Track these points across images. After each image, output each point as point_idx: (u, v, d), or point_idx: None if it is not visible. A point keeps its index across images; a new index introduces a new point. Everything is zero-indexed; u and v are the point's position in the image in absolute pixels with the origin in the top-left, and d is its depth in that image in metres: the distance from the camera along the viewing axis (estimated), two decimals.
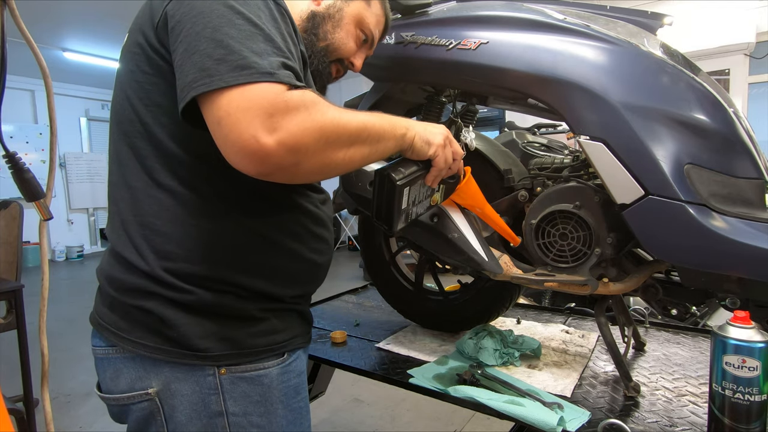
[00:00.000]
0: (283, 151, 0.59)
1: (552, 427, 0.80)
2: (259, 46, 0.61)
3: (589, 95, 0.86)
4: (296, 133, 0.60)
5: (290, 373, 0.77)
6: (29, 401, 2.00)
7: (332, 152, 0.65)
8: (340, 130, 0.65)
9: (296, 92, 0.61)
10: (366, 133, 0.69)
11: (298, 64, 0.68)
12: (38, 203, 1.03)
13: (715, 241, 0.78)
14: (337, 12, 0.88)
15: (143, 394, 0.70)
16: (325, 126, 0.62)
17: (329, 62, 0.89)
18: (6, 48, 0.94)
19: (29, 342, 1.98)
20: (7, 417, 0.74)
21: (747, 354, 0.70)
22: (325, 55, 0.88)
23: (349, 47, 0.89)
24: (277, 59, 0.61)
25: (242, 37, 0.60)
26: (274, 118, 0.58)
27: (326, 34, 0.87)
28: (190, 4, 0.63)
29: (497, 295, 1.24)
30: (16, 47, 1.25)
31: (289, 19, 0.70)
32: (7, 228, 2.22)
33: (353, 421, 2.37)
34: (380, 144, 0.72)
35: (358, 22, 0.89)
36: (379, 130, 0.71)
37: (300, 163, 0.62)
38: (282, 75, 0.60)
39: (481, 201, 0.99)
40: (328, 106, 0.65)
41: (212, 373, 0.70)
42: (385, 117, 0.75)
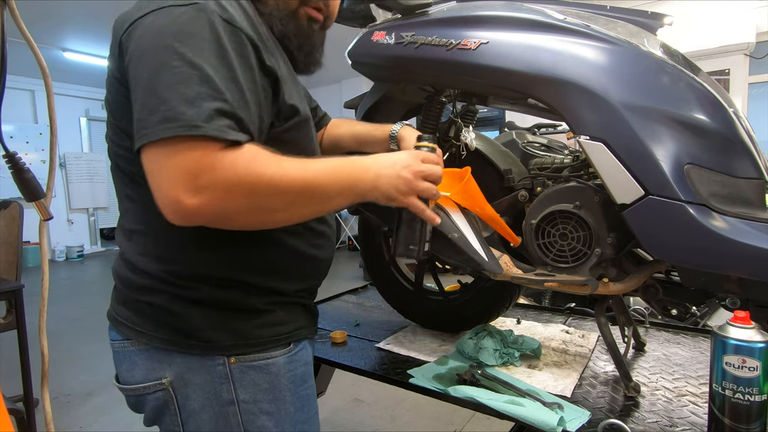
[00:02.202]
0: (208, 214, 0.58)
1: (552, 427, 0.80)
2: (192, 90, 0.57)
3: (589, 95, 0.86)
4: (222, 196, 0.58)
5: (297, 362, 0.79)
6: (29, 401, 2.00)
7: (267, 213, 0.64)
8: (277, 191, 0.62)
9: (227, 153, 0.58)
10: (310, 192, 0.65)
11: (255, 94, 0.63)
12: (38, 203, 1.03)
13: (715, 241, 0.78)
14: None
15: (158, 384, 0.73)
16: (258, 187, 0.60)
17: (293, 12, 0.78)
18: (6, 48, 0.94)
19: (29, 342, 1.98)
20: (7, 417, 0.74)
21: (747, 354, 0.70)
22: (279, 8, 0.77)
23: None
24: (211, 105, 0.57)
25: (175, 82, 0.57)
26: (199, 179, 0.56)
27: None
28: (137, 42, 0.61)
29: (497, 295, 1.24)
30: (16, 47, 1.25)
31: (244, 33, 0.64)
32: (7, 228, 2.22)
33: (353, 421, 2.37)
34: (331, 201, 0.69)
35: None
36: (329, 188, 0.67)
37: (230, 221, 0.62)
38: (211, 127, 0.56)
39: (481, 201, 0.99)
40: (269, 162, 0.61)
41: (222, 362, 0.72)
42: (346, 168, 0.70)
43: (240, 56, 0.63)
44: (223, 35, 0.61)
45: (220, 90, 0.59)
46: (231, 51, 0.61)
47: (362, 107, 1.24)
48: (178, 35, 0.59)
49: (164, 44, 0.59)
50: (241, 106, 0.61)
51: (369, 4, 1.13)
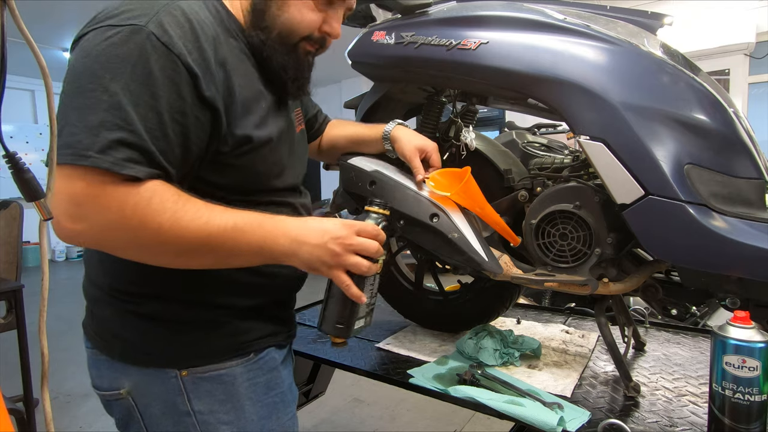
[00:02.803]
0: (87, 241, 0.59)
1: (552, 427, 0.80)
2: (96, 117, 0.56)
3: (589, 95, 0.86)
4: (100, 230, 0.58)
5: (258, 370, 0.77)
6: (29, 401, 2.00)
7: (156, 257, 0.62)
8: (164, 241, 0.59)
9: (119, 188, 0.56)
10: (208, 248, 0.62)
11: (181, 125, 0.61)
12: (38, 203, 1.02)
13: (715, 241, 0.78)
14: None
15: (117, 394, 0.73)
16: (142, 233, 0.58)
17: (294, 46, 0.77)
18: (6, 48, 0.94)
19: (29, 342, 1.98)
20: (7, 417, 0.74)
21: (747, 354, 0.70)
22: (282, 44, 0.75)
23: (307, 20, 0.75)
24: (111, 135, 0.55)
25: (84, 107, 0.56)
26: (80, 208, 0.56)
27: (273, 20, 0.74)
28: (70, 59, 0.61)
29: (497, 295, 1.24)
30: (16, 47, 1.25)
31: (181, 60, 0.60)
32: (7, 228, 2.22)
33: (353, 421, 2.37)
34: (237, 259, 0.66)
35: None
36: (233, 248, 0.64)
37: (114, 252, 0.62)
38: (103, 159, 0.55)
39: (481, 201, 0.99)
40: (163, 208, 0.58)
41: (174, 375, 0.71)
42: (260, 230, 0.65)
43: (169, 83, 0.60)
44: (152, 60, 0.58)
45: (129, 119, 0.56)
46: (159, 77, 0.59)
47: (362, 107, 1.24)
48: (102, 57, 0.57)
49: (86, 66, 0.58)
50: (156, 138, 0.58)
51: (369, 4, 1.13)
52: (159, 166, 0.60)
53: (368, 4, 1.14)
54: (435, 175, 1.02)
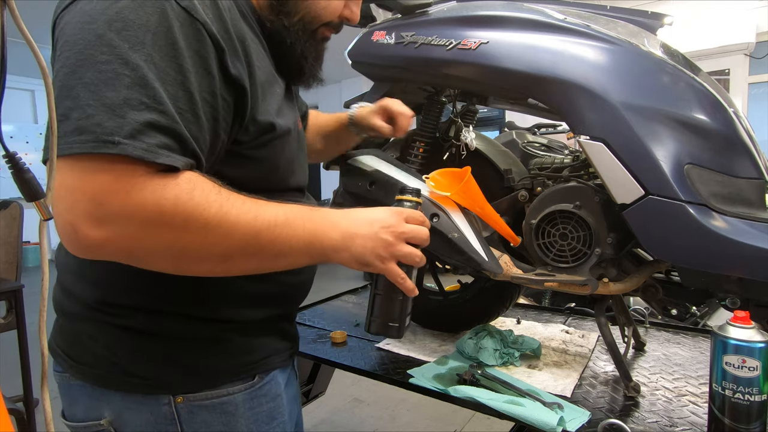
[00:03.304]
0: (114, 250, 0.47)
1: (552, 427, 0.80)
2: (118, 94, 0.45)
3: (589, 95, 0.86)
4: (135, 233, 0.46)
5: (262, 397, 0.68)
6: (29, 401, 2.00)
7: (194, 262, 0.52)
8: (214, 240, 0.49)
9: (154, 180, 0.45)
10: (258, 246, 0.53)
11: (212, 106, 0.52)
12: (38, 203, 1.02)
13: (715, 241, 0.78)
14: None
15: (96, 425, 0.63)
16: (186, 232, 0.47)
17: (313, 32, 0.73)
18: (6, 48, 0.94)
19: (29, 342, 1.98)
20: (7, 417, 0.74)
21: (747, 354, 0.70)
22: (304, 30, 0.71)
23: (332, 6, 0.72)
24: (140, 116, 0.45)
25: (98, 81, 0.45)
26: (108, 207, 0.45)
27: (297, 4, 0.69)
28: (63, 30, 0.49)
29: (497, 295, 1.24)
30: (16, 47, 1.25)
31: (206, 29, 0.51)
32: (7, 228, 2.22)
33: (353, 421, 2.37)
34: (281, 260, 0.57)
35: None
36: (282, 245, 0.55)
37: (142, 262, 0.50)
38: (134, 145, 0.44)
39: (481, 201, 0.99)
40: (208, 199, 0.48)
41: (167, 401, 0.61)
42: (310, 222, 0.58)
43: (196, 56, 0.50)
44: (176, 28, 0.48)
45: (158, 97, 0.46)
46: (185, 48, 0.49)
47: None
48: (114, 22, 0.46)
49: (94, 32, 0.46)
50: (188, 121, 0.49)
51: (369, 3, 1.13)
52: (193, 155, 0.50)
53: (368, 4, 1.14)
54: (435, 175, 1.02)
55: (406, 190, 0.73)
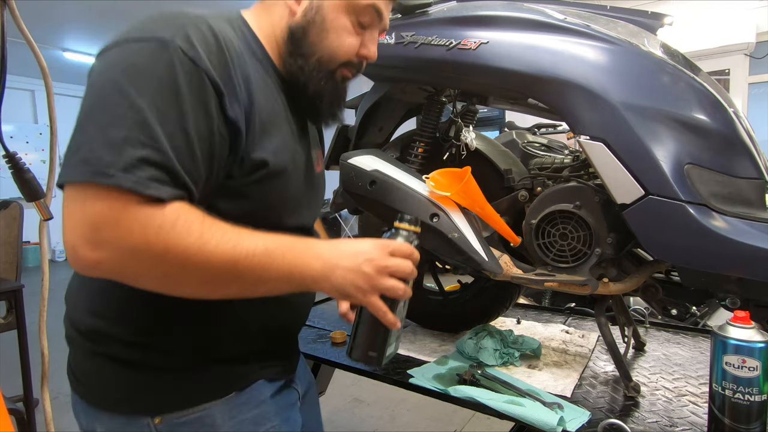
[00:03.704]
0: (106, 270, 0.53)
1: (552, 427, 0.80)
2: (119, 133, 0.52)
3: (589, 95, 0.86)
4: (122, 257, 0.52)
5: (244, 405, 0.70)
6: (29, 401, 2.00)
7: (179, 286, 0.57)
8: (190, 267, 0.54)
9: (143, 210, 0.52)
10: (236, 274, 0.57)
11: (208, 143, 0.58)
12: (38, 203, 1.03)
13: (715, 241, 0.78)
14: (317, 13, 0.72)
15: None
16: (166, 258, 0.53)
17: (332, 72, 0.74)
18: (6, 48, 0.94)
19: (29, 342, 1.98)
20: (7, 417, 0.74)
21: (747, 354, 0.70)
22: (320, 70, 0.73)
23: (346, 46, 0.73)
24: (136, 152, 0.52)
25: (106, 122, 0.53)
26: (100, 233, 0.51)
27: (312, 47, 0.72)
28: (90, 75, 0.58)
29: (497, 295, 1.24)
30: (16, 47, 1.25)
31: (208, 76, 0.58)
32: (7, 228, 2.22)
33: (353, 421, 2.37)
34: (263, 286, 0.60)
35: (348, 9, 0.72)
36: (262, 273, 0.58)
37: (133, 282, 0.56)
38: (126, 178, 0.51)
39: (481, 201, 0.99)
40: (189, 231, 0.54)
41: (147, 422, 0.65)
42: (291, 253, 0.60)
43: (197, 100, 0.57)
44: (180, 76, 0.56)
45: (155, 136, 0.53)
46: (187, 94, 0.56)
47: (362, 107, 1.24)
48: (128, 71, 0.55)
49: (111, 79, 0.55)
50: (182, 156, 0.55)
51: None
52: (184, 186, 0.56)
53: None
54: (435, 175, 1.02)
55: (404, 218, 0.72)
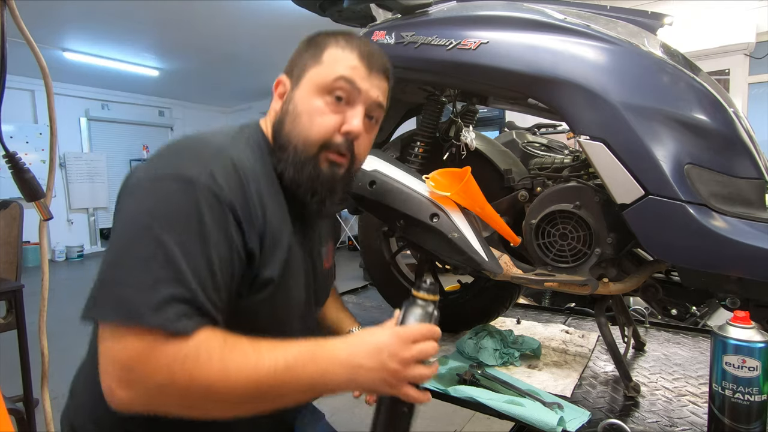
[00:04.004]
0: (138, 406, 0.56)
1: (552, 427, 0.80)
2: (150, 274, 0.55)
3: (589, 95, 0.86)
4: (152, 395, 0.55)
5: None
6: (29, 401, 1.99)
7: (203, 412, 0.59)
8: (215, 396, 0.57)
9: (169, 346, 0.54)
10: (260, 394, 0.58)
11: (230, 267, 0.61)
12: (38, 203, 1.03)
13: (715, 241, 0.78)
14: (288, 102, 0.72)
15: None
16: (190, 392, 0.56)
17: (311, 159, 0.71)
18: (6, 48, 0.94)
19: (29, 342, 1.98)
20: (7, 417, 0.74)
21: (747, 354, 0.70)
22: (298, 158, 0.71)
23: (318, 126, 0.70)
24: (166, 291, 0.55)
25: (137, 261, 0.56)
26: (131, 373, 0.54)
27: (288, 137, 0.71)
28: (119, 212, 0.61)
29: (497, 295, 1.24)
30: (16, 47, 1.25)
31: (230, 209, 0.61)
32: (7, 228, 2.22)
33: (353, 421, 2.37)
34: (286, 399, 0.61)
35: (319, 88, 0.71)
36: (285, 388, 0.59)
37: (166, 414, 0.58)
38: (156, 317, 0.54)
39: (481, 201, 0.99)
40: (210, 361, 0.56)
41: None
42: (311, 363, 0.60)
43: (222, 234, 0.60)
44: (206, 213, 0.59)
45: (182, 271, 0.56)
46: (212, 229, 0.59)
47: None
48: (157, 214, 0.58)
49: (140, 219, 0.58)
50: (206, 288, 0.58)
51: (369, 3, 1.13)
52: (208, 315, 0.59)
53: (368, 4, 1.14)
54: (435, 175, 1.02)
55: (422, 286, 0.69)
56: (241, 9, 4.70)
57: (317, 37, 0.76)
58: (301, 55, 0.76)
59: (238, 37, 5.56)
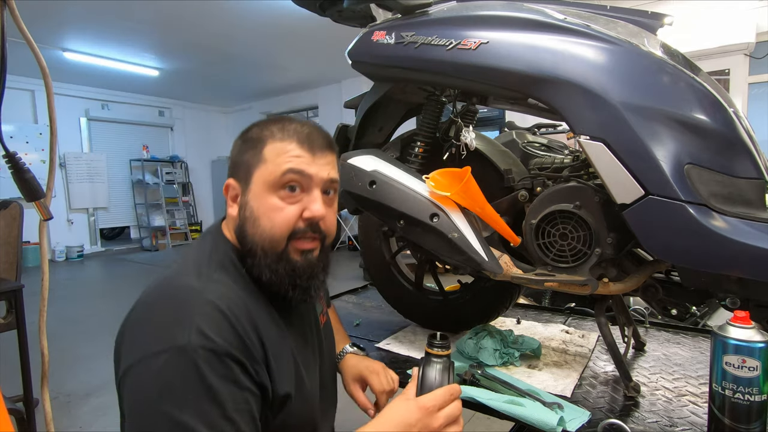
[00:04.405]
0: None
1: (552, 427, 0.80)
2: None
3: (589, 95, 0.86)
4: None
5: None
6: (29, 401, 1.99)
7: None
8: None
9: None
10: None
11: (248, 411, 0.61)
12: (38, 203, 1.03)
13: (715, 241, 0.78)
14: (244, 208, 0.71)
15: None
16: None
17: (282, 254, 0.71)
18: (6, 48, 0.94)
19: (29, 342, 1.98)
20: (7, 417, 0.74)
21: (747, 354, 0.70)
22: (268, 257, 0.70)
23: (279, 221, 0.70)
24: None
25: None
26: None
27: (253, 240, 0.70)
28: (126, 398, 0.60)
29: (497, 295, 1.24)
30: (16, 47, 1.25)
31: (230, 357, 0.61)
32: (7, 228, 2.22)
33: (353, 421, 2.37)
34: None
35: (269, 187, 0.70)
36: None
37: None
38: None
39: (481, 201, 0.99)
40: None
41: None
42: None
43: (229, 384, 0.60)
44: (208, 374, 0.58)
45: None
46: (219, 386, 0.59)
47: (362, 107, 1.24)
48: (160, 390, 0.57)
49: (148, 403, 0.58)
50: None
51: (369, 3, 1.13)
52: None
53: (368, 4, 1.14)
54: (435, 175, 1.02)
55: (434, 343, 0.72)
56: (241, 9, 4.70)
57: (250, 133, 0.74)
58: (241, 155, 0.73)
59: (238, 37, 5.57)
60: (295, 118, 0.76)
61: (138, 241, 8.89)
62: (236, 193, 0.74)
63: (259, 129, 0.74)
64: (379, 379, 0.96)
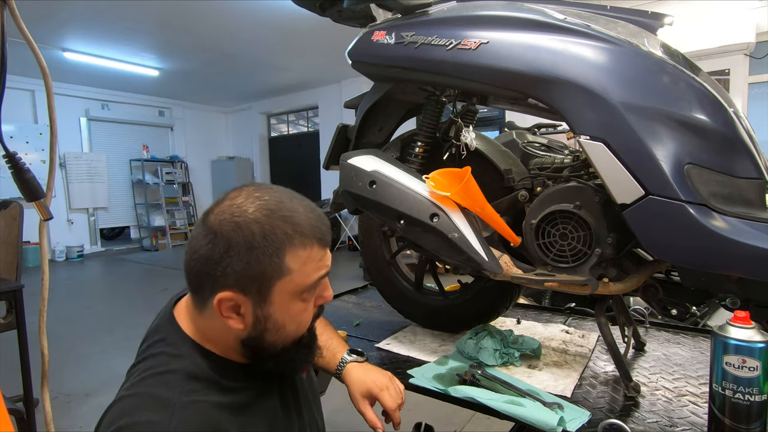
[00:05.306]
0: None
1: (552, 427, 0.80)
2: None
3: (589, 95, 0.86)
4: None
5: None
6: (29, 401, 2.00)
7: None
8: None
9: None
10: None
11: None
12: (38, 203, 1.03)
13: (715, 241, 0.78)
14: (264, 321, 0.66)
15: None
16: None
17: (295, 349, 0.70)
18: (6, 48, 0.94)
19: (29, 342, 1.98)
20: (7, 417, 0.74)
21: (747, 354, 0.70)
22: (288, 350, 0.69)
23: (304, 322, 0.70)
24: None
25: None
26: None
27: (274, 345, 0.68)
28: None
29: (497, 295, 1.24)
30: (16, 47, 1.25)
31: None
32: (7, 228, 2.22)
33: (353, 421, 2.37)
34: None
35: (296, 295, 0.66)
36: None
37: None
38: None
39: (481, 201, 0.99)
40: None
41: None
42: None
43: None
44: None
45: None
46: None
47: (362, 107, 1.24)
48: None
49: None
50: None
51: (369, 3, 1.13)
52: None
53: (368, 4, 1.14)
54: (435, 175, 1.02)
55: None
56: (241, 9, 4.70)
57: (263, 241, 0.62)
58: (251, 267, 0.62)
59: (238, 37, 5.57)
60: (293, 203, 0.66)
61: (138, 241, 8.90)
62: (241, 308, 0.65)
63: (263, 232, 0.62)
64: (390, 395, 0.93)
